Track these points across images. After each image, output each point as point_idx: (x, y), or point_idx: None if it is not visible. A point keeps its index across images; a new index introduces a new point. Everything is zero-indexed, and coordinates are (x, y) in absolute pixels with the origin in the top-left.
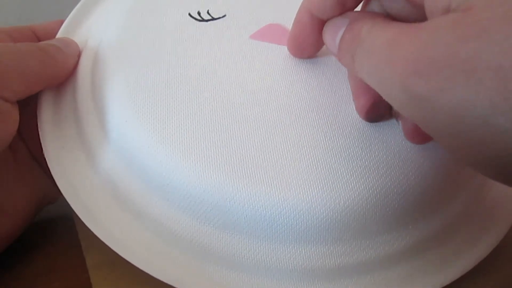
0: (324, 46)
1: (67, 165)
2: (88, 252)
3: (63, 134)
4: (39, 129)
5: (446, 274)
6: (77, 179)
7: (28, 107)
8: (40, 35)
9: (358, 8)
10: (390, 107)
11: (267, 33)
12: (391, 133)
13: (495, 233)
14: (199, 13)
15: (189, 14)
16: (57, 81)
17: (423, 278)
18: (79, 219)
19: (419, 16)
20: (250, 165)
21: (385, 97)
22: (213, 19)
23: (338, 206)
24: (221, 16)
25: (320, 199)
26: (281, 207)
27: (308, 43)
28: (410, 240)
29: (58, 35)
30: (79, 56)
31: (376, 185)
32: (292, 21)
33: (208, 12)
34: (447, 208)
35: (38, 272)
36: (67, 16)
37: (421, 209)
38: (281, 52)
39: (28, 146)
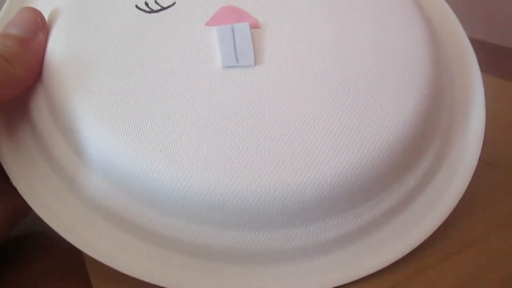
0: None
1: (39, 189)
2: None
3: (25, 158)
4: None
5: (416, 235)
6: (53, 201)
7: None
8: None
9: None
10: None
11: (222, 17)
12: (360, 103)
13: (454, 189)
14: (146, 4)
15: (136, 6)
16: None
17: (400, 240)
18: None
19: None
20: (232, 161)
21: None
22: (162, 8)
23: (325, 186)
24: (170, 4)
25: (297, 183)
26: (263, 196)
27: None
28: (384, 205)
29: None
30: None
31: (353, 159)
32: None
33: (156, 1)
34: (416, 168)
35: (38, 272)
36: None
37: (394, 173)
38: None
39: None
